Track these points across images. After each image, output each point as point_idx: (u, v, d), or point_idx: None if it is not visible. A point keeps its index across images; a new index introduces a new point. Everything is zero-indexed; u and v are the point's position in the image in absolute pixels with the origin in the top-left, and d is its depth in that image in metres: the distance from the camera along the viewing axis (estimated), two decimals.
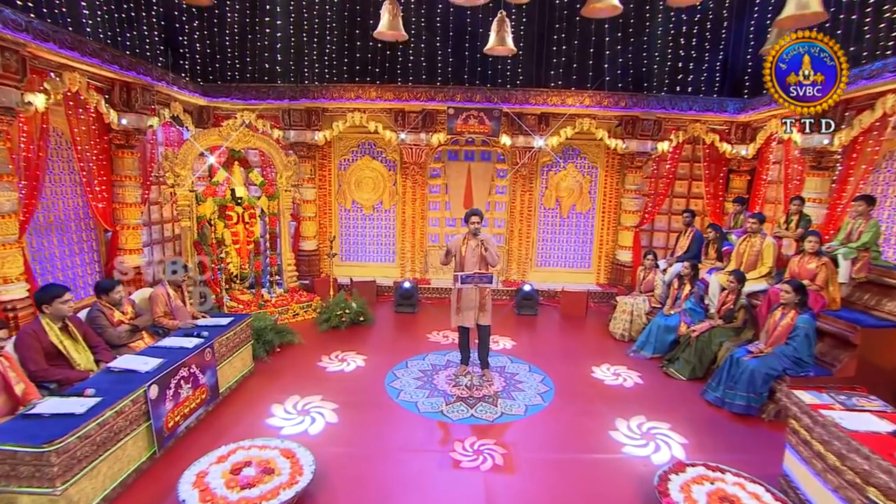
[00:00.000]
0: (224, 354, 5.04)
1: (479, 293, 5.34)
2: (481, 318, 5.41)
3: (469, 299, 5.34)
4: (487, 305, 5.43)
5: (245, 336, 5.54)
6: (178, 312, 5.20)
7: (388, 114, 8.69)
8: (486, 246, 5.25)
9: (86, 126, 6.32)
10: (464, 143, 9.26)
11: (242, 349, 5.46)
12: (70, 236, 6.44)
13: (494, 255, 5.27)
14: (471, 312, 5.38)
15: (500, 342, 6.84)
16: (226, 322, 5.26)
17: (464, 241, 5.35)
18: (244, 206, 7.67)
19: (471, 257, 5.29)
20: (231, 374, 5.21)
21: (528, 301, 8.31)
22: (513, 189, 9.32)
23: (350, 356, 6.23)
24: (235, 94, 8.51)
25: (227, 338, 5.11)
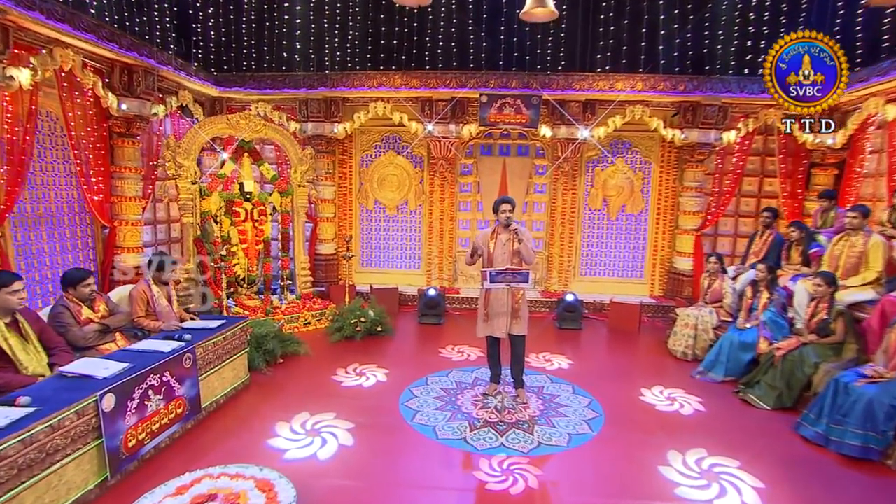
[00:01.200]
0: (210, 362, 4.46)
1: (511, 296, 4.60)
2: (514, 326, 4.67)
3: (500, 303, 4.61)
4: (522, 311, 4.68)
5: (239, 343, 4.97)
6: (161, 313, 4.68)
7: (415, 103, 8.14)
8: (520, 238, 4.50)
9: (82, 111, 6.00)
10: (498, 136, 8.60)
11: (235, 358, 4.89)
12: (62, 231, 6.09)
13: (530, 251, 4.56)
14: (502, 319, 4.64)
15: (553, 361, 6.06)
16: (215, 325, 4.70)
17: (493, 235, 4.68)
18: (254, 202, 7.23)
19: (501, 253, 4.61)
20: (219, 387, 4.62)
21: (571, 313, 7.47)
22: (553, 187, 8.56)
23: (370, 370, 5.63)
24: (250, 83, 8.16)
25: (215, 343, 4.54)
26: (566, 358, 6.16)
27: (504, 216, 4.59)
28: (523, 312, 4.71)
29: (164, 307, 4.72)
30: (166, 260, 4.76)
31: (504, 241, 4.62)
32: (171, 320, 4.72)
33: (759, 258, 6.59)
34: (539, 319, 7.97)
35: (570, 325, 7.44)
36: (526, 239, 4.61)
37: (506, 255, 4.61)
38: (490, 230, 4.72)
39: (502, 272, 4.38)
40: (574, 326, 7.43)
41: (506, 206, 4.61)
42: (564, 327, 7.44)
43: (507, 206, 4.61)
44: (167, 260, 4.76)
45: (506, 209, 4.60)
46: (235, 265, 7.14)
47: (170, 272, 4.76)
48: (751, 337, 5.33)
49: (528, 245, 4.57)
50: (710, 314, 6.17)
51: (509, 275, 4.38)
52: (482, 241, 4.74)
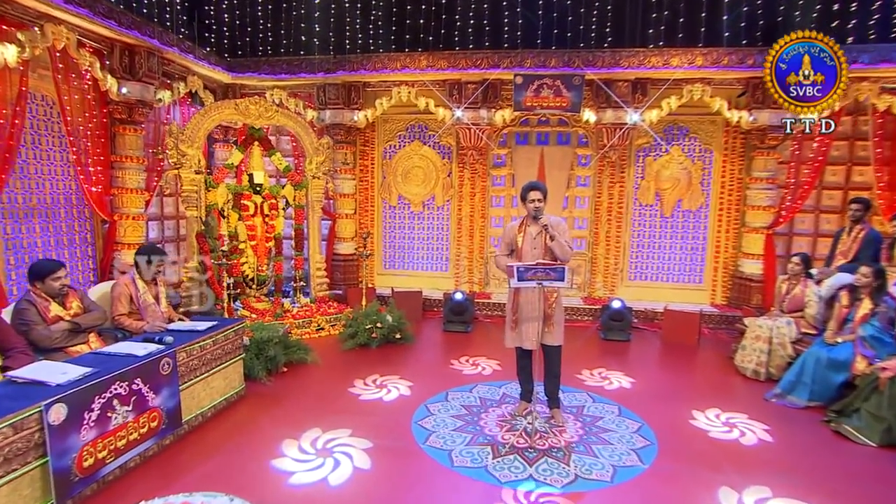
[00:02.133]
0: (196, 369, 4.08)
1: (543, 298, 4.05)
2: (547, 335, 4.13)
3: (530, 306, 4.09)
4: (556, 316, 4.14)
5: (233, 348, 4.59)
6: (146, 311, 4.34)
7: (442, 87, 7.70)
8: (552, 233, 3.95)
9: (79, 94, 5.82)
10: (535, 123, 8.04)
11: (228, 364, 4.50)
12: (58, 224, 5.91)
13: (566, 248, 4.03)
14: (532, 326, 4.10)
15: (597, 377, 5.46)
16: (204, 327, 4.32)
17: (520, 228, 4.19)
18: (264, 195, 6.91)
19: (530, 250, 4.11)
20: (206, 397, 4.23)
21: (618, 322, 6.80)
22: (598, 180, 7.92)
23: (392, 381, 5.19)
24: (264, 68, 7.91)
25: (202, 347, 4.16)
26: (612, 374, 5.51)
27: (532, 206, 4.09)
28: (558, 318, 4.17)
29: (150, 305, 4.38)
30: (153, 252, 4.42)
31: (534, 236, 4.13)
32: (158, 320, 4.37)
33: (847, 259, 5.75)
34: (580, 329, 7.33)
35: (616, 336, 6.77)
36: (560, 233, 4.08)
37: (536, 252, 4.11)
38: (518, 223, 4.24)
39: (533, 268, 3.82)
40: (621, 338, 6.75)
41: (534, 195, 4.10)
42: (610, 338, 6.78)
43: (535, 193, 4.10)
44: (154, 252, 4.42)
45: (534, 198, 4.09)
46: (244, 264, 6.82)
47: (157, 266, 4.41)
48: (844, 354, 4.55)
49: (562, 241, 4.04)
50: (789, 325, 5.39)
51: (541, 270, 3.81)
52: (510, 236, 4.26)
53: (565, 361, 5.60)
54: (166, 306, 4.56)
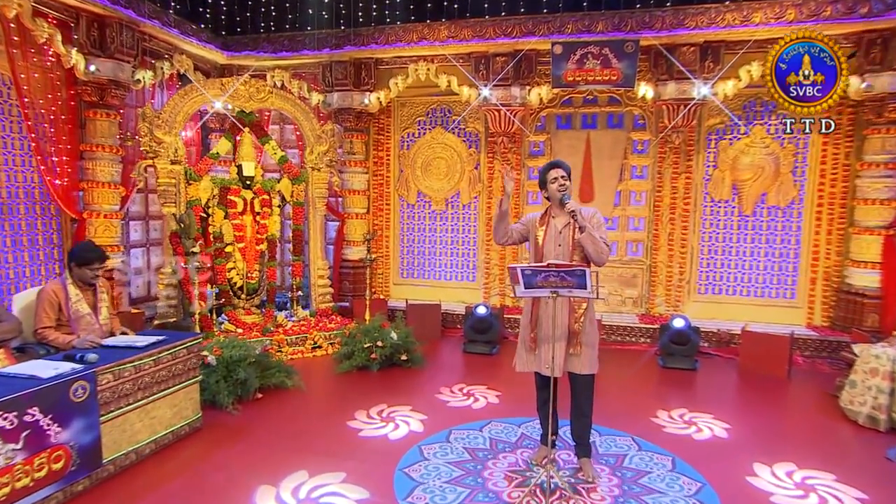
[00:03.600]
0: (127, 395, 3.62)
1: (569, 310, 3.44)
2: (574, 359, 3.50)
3: (552, 321, 3.42)
4: (586, 335, 3.51)
5: (185, 368, 4.12)
6: (78, 323, 3.92)
7: (466, 61, 7.14)
8: (581, 222, 3.33)
9: (41, 72, 5.59)
10: (581, 103, 7.31)
11: (177, 389, 4.04)
12: (17, 222, 5.68)
13: (599, 244, 3.38)
14: (554, 347, 3.43)
15: (700, 424, 4.63)
16: (145, 343, 3.85)
17: (542, 220, 3.58)
18: (255, 189, 6.50)
19: (554, 247, 3.49)
20: (144, 430, 3.76)
21: (682, 346, 5.93)
22: (658, 171, 7.10)
23: (401, 414, 4.64)
24: (264, 46, 7.58)
25: (137, 367, 3.69)
26: (699, 417, 4.65)
27: (557, 185, 3.47)
28: (588, 337, 3.51)
29: (84, 316, 3.96)
30: (88, 252, 4.00)
31: (559, 230, 3.50)
32: (94, 334, 3.94)
33: None
34: (635, 353, 6.52)
35: (678, 364, 5.90)
36: (593, 225, 3.42)
37: (562, 251, 3.47)
38: (539, 215, 3.63)
39: (543, 271, 3.12)
40: (685, 365, 5.88)
41: (556, 173, 3.50)
42: (671, 366, 5.92)
43: (557, 171, 3.51)
44: (90, 252, 4.00)
45: (556, 176, 3.48)
46: (231, 269, 6.41)
47: (96, 269, 4.00)
48: None
49: (595, 234, 3.36)
50: None
51: (554, 274, 3.10)
52: (528, 227, 3.66)
53: (619, 394, 4.93)
54: (107, 317, 4.13)
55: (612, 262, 7.29)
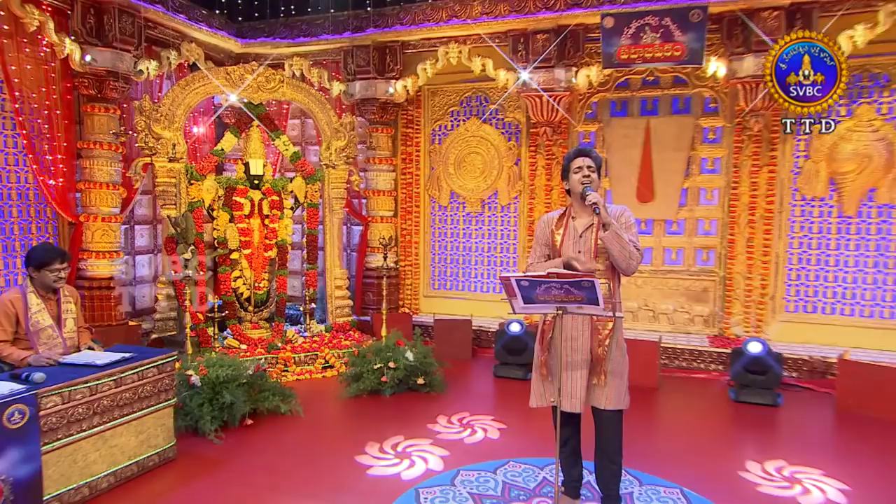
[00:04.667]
0: (81, 420, 3.42)
1: (591, 330, 3.07)
2: (597, 390, 3.10)
3: (570, 343, 3.08)
4: (613, 362, 3.09)
5: (156, 390, 3.92)
6: (38, 337, 3.76)
7: (503, 41, 6.78)
8: (606, 218, 2.94)
9: (33, 63, 5.60)
10: (639, 86, 6.76)
11: (144, 414, 3.84)
12: (9, 226, 5.69)
13: (627, 247, 2.98)
14: (574, 375, 3.09)
15: (805, 482, 3.96)
16: (105, 360, 3.65)
17: (561, 220, 3.22)
18: (264, 189, 6.32)
19: (572, 249, 3.13)
20: (101, 461, 3.57)
21: (760, 376, 5.27)
22: (734, 163, 6.47)
23: (420, 448, 4.29)
24: (280, 31, 7.45)
25: (93, 388, 3.49)
26: (802, 472, 3.99)
27: (580, 176, 3.09)
28: (616, 365, 3.10)
29: (44, 329, 3.79)
30: (50, 253, 3.84)
31: (580, 232, 3.14)
32: (56, 348, 3.78)
33: None
34: (703, 383, 5.91)
35: (754, 398, 5.24)
36: (619, 225, 3.02)
37: (583, 256, 3.10)
38: (558, 213, 3.28)
39: (543, 282, 2.68)
40: (763, 400, 5.20)
41: (582, 161, 3.12)
42: (744, 400, 5.26)
43: (584, 160, 3.13)
44: (53, 253, 3.85)
45: (582, 164, 3.10)
46: (237, 279, 6.24)
47: (58, 270, 3.83)
48: None
49: (621, 235, 2.95)
50: None
51: (556, 286, 2.66)
52: (544, 233, 3.28)
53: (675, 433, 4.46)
54: (73, 330, 3.96)
55: (678, 273, 6.70)
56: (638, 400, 5.36)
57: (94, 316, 5.94)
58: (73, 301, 4.03)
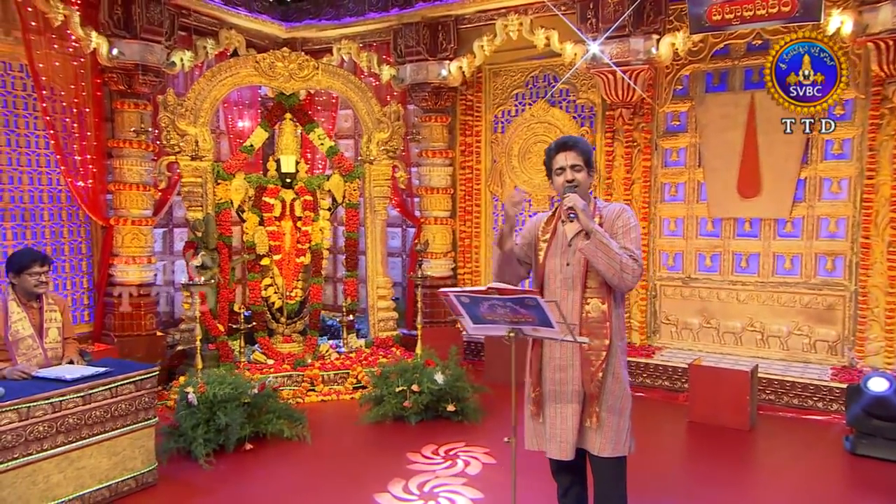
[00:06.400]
0: (41, 439, 3.56)
1: (580, 360, 2.82)
2: (591, 434, 2.85)
3: (558, 375, 2.88)
4: (609, 399, 2.85)
5: (134, 408, 4.06)
6: (16, 348, 3.99)
7: (570, 8, 6.52)
8: (588, 224, 2.73)
9: (62, 60, 6.05)
10: (742, 52, 6.23)
11: (119, 434, 3.97)
12: (40, 229, 6.18)
13: (616, 256, 2.72)
14: (563, 413, 2.87)
15: None
16: (76, 375, 3.81)
17: (548, 224, 3.02)
18: (297, 188, 6.43)
19: (558, 264, 2.93)
20: (67, 484, 3.70)
21: (886, 423, 4.55)
22: (870, 146, 5.79)
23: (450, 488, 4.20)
24: (327, 12, 7.62)
25: (56, 405, 3.63)
26: None
27: (560, 180, 2.89)
28: (612, 400, 2.86)
29: (23, 340, 4.01)
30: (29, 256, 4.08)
31: (569, 239, 2.92)
32: (34, 360, 4.00)
33: None
34: (812, 428, 5.30)
35: (879, 451, 4.55)
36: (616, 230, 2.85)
37: (572, 270, 2.89)
38: (545, 215, 3.10)
39: (486, 299, 2.47)
40: (893, 455, 4.49)
41: (564, 159, 2.88)
42: (864, 454, 4.58)
43: (566, 156, 2.88)
44: (32, 256, 4.08)
45: (563, 163, 2.88)
46: (268, 287, 6.39)
47: (38, 274, 4.06)
48: None
49: (609, 242, 2.71)
50: None
51: (501, 304, 2.45)
52: (528, 235, 3.11)
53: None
54: (56, 340, 4.17)
55: (793, 287, 6.11)
56: (716, 444, 4.94)
57: (122, 325, 6.32)
58: (58, 309, 4.24)
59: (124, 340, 6.16)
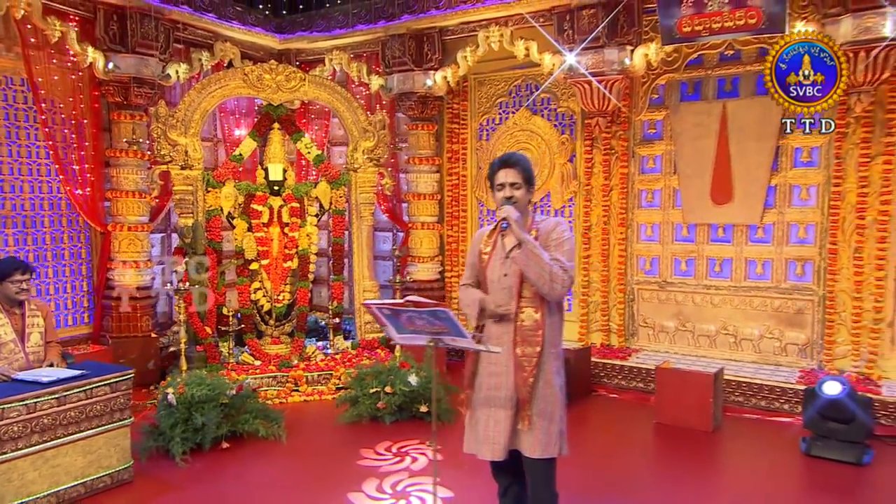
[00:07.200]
0: (14, 438, 3.69)
1: (514, 366, 2.92)
2: (523, 436, 2.93)
3: (493, 380, 2.98)
4: (541, 403, 2.93)
5: (109, 409, 4.19)
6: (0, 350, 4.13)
7: (548, 19, 6.53)
8: (521, 236, 2.82)
9: (60, 74, 6.20)
10: (715, 62, 6.19)
11: (94, 433, 4.09)
12: (41, 235, 6.36)
13: (546, 265, 2.82)
14: (497, 417, 2.96)
15: None
16: (53, 377, 3.93)
17: (490, 237, 3.11)
18: (284, 195, 6.53)
19: (499, 275, 3.01)
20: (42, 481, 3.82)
21: (841, 426, 4.55)
22: (836, 154, 5.77)
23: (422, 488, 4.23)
24: (318, 24, 7.72)
25: (30, 406, 3.77)
26: None
27: (501, 196, 2.98)
28: (544, 405, 2.93)
29: (6, 343, 4.15)
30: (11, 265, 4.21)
31: (507, 251, 3.00)
32: (16, 363, 4.14)
33: None
34: (774, 429, 5.30)
35: (832, 453, 4.56)
36: (551, 242, 2.94)
37: (509, 280, 2.98)
38: (488, 229, 3.19)
39: (404, 311, 2.56)
40: (843, 457, 4.52)
41: (503, 176, 2.96)
42: (818, 454, 4.58)
43: (506, 174, 2.96)
44: (13, 265, 4.21)
45: (504, 180, 2.96)
46: (257, 290, 6.50)
47: (19, 282, 4.19)
48: None
49: (539, 252, 2.82)
50: None
51: (416, 315, 2.56)
52: (473, 249, 3.22)
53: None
54: (38, 345, 4.31)
55: (765, 291, 6.08)
56: (678, 445, 4.99)
57: (119, 327, 6.47)
58: (40, 315, 4.38)
59: (119, 342, 6.32)
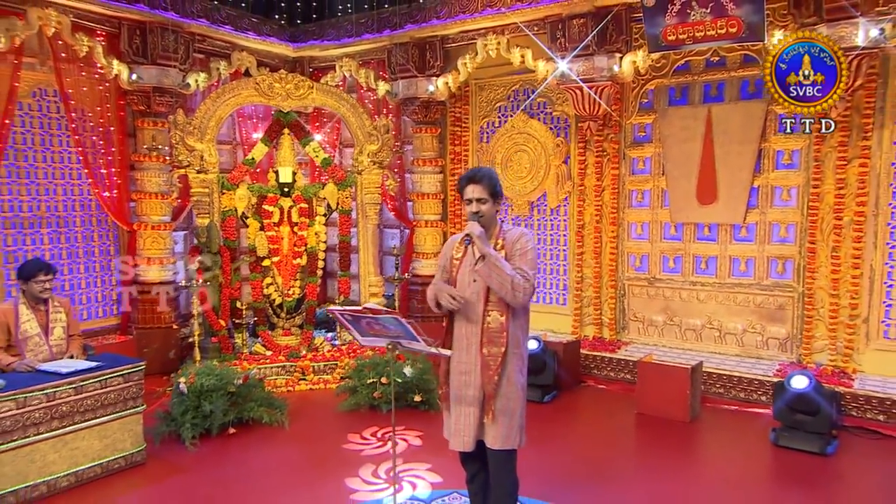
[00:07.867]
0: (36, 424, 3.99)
1: (480, 364, 3.10)
2: (489, 428, 3.11)
3: (462, 378, 3.15)
4: (504, 400, 3.10)
5: (123, 397, 4.47)
6: (25, 344, 4.45)
7: (541, 28, 6.68)
8: (483, 249, 3.01)
9: (88, 85, 6.55)
10: (701, 69, 6.28)
11: (109, 419, 4.38)
12: (73, 235, 6.73)
13: (507, 276, 2.99)
14: (465, 412, 3.14)
15: None
16: (71, 369, 4.24)
17: (461, 244, 3.23)
18: (293, 197, 6.79)
19: (469, 282, 3.18)
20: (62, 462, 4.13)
21: (808, 417, 4.68)
22: (815, 157, 5.83)
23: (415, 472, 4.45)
24: (329, 33, 7.95)
25: (50, 395, 4.06)
26: None
27: (470, 210, 3.13)
28: (506, 402, 3.10)
29: (31, 337, 4.47)
30: (35, 266, 4.52)
31: (476, 256, 3.11)
32: (41, 356, 4.46)
33: None
34: (748, 420, 5.43)
35: (798, 443, 4.70)
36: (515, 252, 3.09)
37: (477, 286, 3.13)
38: (460, 236, 3.29)
39: (363, 317, 2.76)
40: (808, 447, 4.68)
41: (471, 192, 3.12)
42: (785, 445, 4.72)
43: (473, 190, 3.11)
44: (38, 266, 4.53)
45: (472, 196, 3.12)
46: (269, 286, 6.78)
47: (43, 281, 4.50)
48: None
49: (500, 264, 2.99)
50: None
51: (373, 321, 2.78)
52: (445, 254, 3.38)
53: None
54: (61, 338, 4.62)
55: (748, 288, 6.17)
56: (655, 434, 5.17)
57: (143, 319, 6.84)
58: (63, 311, 4.70)
59: (142, 332, 6.66)
